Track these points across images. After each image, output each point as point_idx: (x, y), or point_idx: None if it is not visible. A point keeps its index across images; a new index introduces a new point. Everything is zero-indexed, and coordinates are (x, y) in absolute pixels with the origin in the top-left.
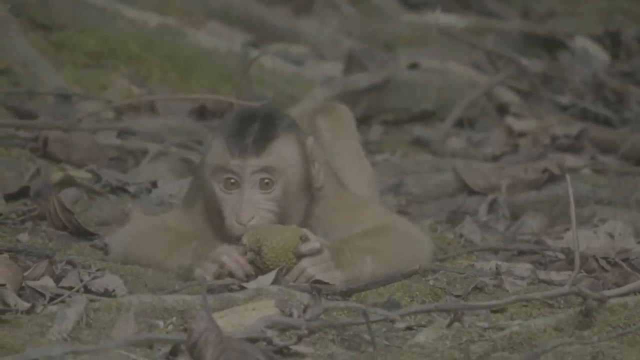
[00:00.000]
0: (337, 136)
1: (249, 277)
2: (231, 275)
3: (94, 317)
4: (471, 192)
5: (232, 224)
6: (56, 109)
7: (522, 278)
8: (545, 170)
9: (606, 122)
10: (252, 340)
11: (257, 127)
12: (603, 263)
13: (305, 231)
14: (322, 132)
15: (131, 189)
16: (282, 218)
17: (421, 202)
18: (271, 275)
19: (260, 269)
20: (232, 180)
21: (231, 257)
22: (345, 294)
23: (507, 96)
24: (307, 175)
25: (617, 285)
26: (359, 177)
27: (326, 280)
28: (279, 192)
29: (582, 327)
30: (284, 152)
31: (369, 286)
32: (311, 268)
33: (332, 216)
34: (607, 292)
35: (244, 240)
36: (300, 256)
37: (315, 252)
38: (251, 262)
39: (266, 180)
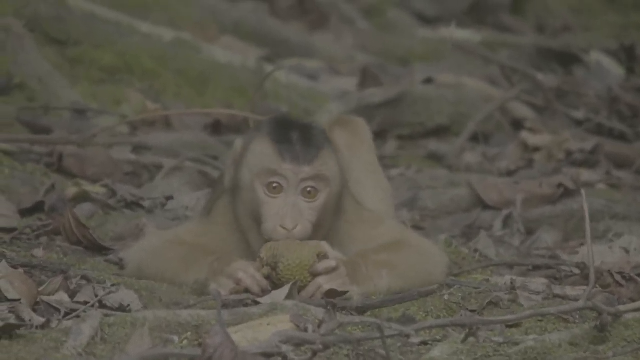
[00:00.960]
0: (353, 149)
1: (264, 292)
2: (247, 290)
3: (108, 332)
4: (486, 206)
5: (275, 228)
6: (71, 124)
7: (537, 293)
8: (560, 185)
9: (621, 137)
10: (267, 355)
11: (303, 133)
12: (618, 278)
13: (324, 246)
14: (338, 145)
15: (146, 203)
16: (316, 229)
17: (436, 216)
18: (285, 290)
19: (275, 284)
20: (275, 185)
21: (247, 273)
22: (361, 310)
23: (522, 111)
24: (343, 187)
25: (632, 300)
26: (375, 191)
27: (335, 290)
28: (322, 202)
29: (597, 342)
30: (330, 162)
31: (386, 303)
32: (327, 285)
33: (349, 231)
34: (622, 307)
35: (262, 254)
36: (316, 275)
37: (332, 270)
38: (266, 277)
39: (309, 189)
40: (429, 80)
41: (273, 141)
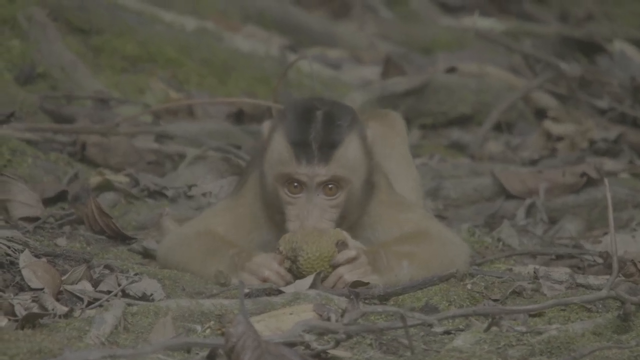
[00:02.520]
0: (388, 142)
1: (288, 285)
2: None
3: (131, 321)
4: (509, 196)
5: (297, 227)
6: (94, 113)
7: (560, 282)
8: (583, 174)
9: None
10: (290, 345)
11: (321, 129)
12: None
13: (344, 234)
14: (374, 137)
15: (169, 192)
16: (340, 223)
17: (459, 206)
18: (309, 280)
19: (296, 276)
20: (296, 185)
21: (272, 269)
22: (383, 298)
23: (545, 100)
24: (370, 172)
25: None
26: (407, 182)
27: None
28: (343, 198)
29: (620, 331)
30: (349, 157)
31: (407, 290)
32: (348, 274)
33: (379, 211)
34: None
35: (281, 247)
36: (337, 266)
37: (352, 260)
38: (288, 270)
39: (330, 186)
40: (452, 70)
41: (289, 143)
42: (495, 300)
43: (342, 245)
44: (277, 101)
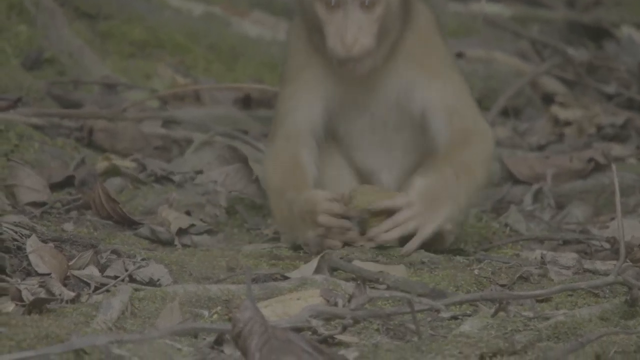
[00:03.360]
0: None
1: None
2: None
3: (138, 307)
4: (516, 181)
5: (336, 46)
6: (101, 98)
7: (568, 267)
8: (590, 160)
9: None
10: (297, 330)
11: None
12: None
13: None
14: None
15: (176, 178)
16: (379, 41)
17: None
18: (314, 264)
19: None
20: (333, 3)
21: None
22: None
23: (553, 85)
24: None
25: None
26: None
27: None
28: (381, 10)
29: (627, 317)
30: None
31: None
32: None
33: (418, 52)
34: None
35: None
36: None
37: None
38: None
39: (366, 2)
40: (459, 55)
41: None
42: (502, 286)
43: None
44: None
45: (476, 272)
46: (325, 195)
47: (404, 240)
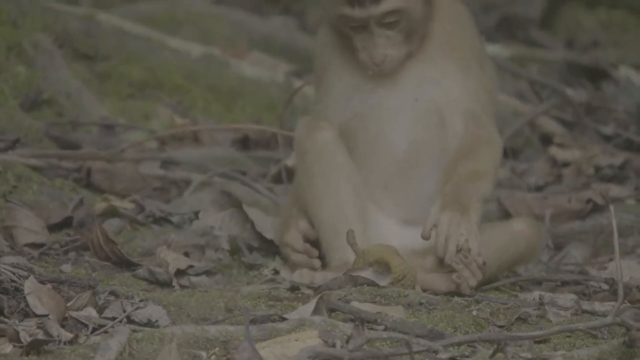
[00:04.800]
0: None
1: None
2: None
3: (136, 348)
4: None
5: (367, 61)
6: (100, 139)
7: (566, 308)
8: (589, 200)
9: None
10: None
11: None
12: None
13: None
14: None
15: (174, 219)
16: (407, 44)
17: None
18: (312, 305)
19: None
20: (355, 25)
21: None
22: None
23: (551, 126)
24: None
25: None
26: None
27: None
28: (404, 23)
29: (625, 358)
30: None
31: None
32: (451, 231)
33: (435, 32)
34: None
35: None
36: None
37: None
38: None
39: (389, 20)
40: None
41: None
42: (500, 327)
43: None
44: (283, 127)
45: (474, 313)
46: (297, 230)
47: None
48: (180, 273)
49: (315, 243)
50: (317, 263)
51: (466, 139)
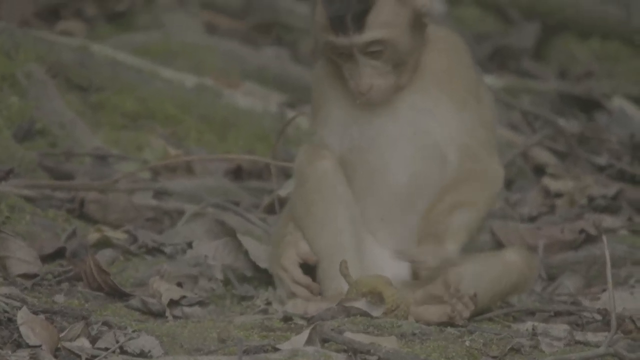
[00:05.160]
0: None
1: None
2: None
3: None
4: None
5: (355, 90)
6: (93, 169)
7: (559, 339)
8: (582, 231)
9: None
10: None
11: None
12: None
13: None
14: None
15: (167, 249)
16: (396, 74)
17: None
18: (305, 336)
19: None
20: (341, 52)
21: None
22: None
23: (544, 156)
24: (415, 20)
25: None
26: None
27: (443, 257)
28: (390, 53)
29: None
30: (384, 17)
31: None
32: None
33: (431, 64)
34: None
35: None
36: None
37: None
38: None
39: (374, 49)
40: None
41: (325, 12)
42: (493, 357)
43: None
44: (276, 158)
45: (467, 343)
46: (297, 253)
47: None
48: (173, 303)
49: (313, 268)
50: (316, 289)
51: (457, 175)
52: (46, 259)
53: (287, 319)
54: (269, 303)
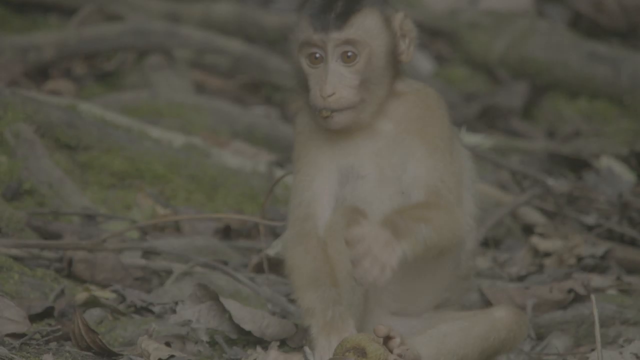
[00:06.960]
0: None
1: None
2: None
3: None
4: None
5: (316, 96)
6: (81, 229)
7: None
8: (570, 290)
9: (632, 243)
10: None
11: (341, 2)
12: None
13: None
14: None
15: (155, 309)
16: (362, 95)
17: None
18: None
19: None
20: (317, 55)
21: None
22: None
23: (533, 216)
24: (393, 51)
25: None
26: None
27: (391, 257)
28: (362, 64)
29: None
30: (366, 24)
31: None
32: (374, 246)
33: (407, 112)
34: None
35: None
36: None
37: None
38: None
39: (349, 54)
40: None
41: (308, 13)
42: None
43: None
44: (265, 217)
45: None
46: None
47: None
48: None
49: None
50: None
51: (426, 200)
52: (34, 318)
53: None
54: None
